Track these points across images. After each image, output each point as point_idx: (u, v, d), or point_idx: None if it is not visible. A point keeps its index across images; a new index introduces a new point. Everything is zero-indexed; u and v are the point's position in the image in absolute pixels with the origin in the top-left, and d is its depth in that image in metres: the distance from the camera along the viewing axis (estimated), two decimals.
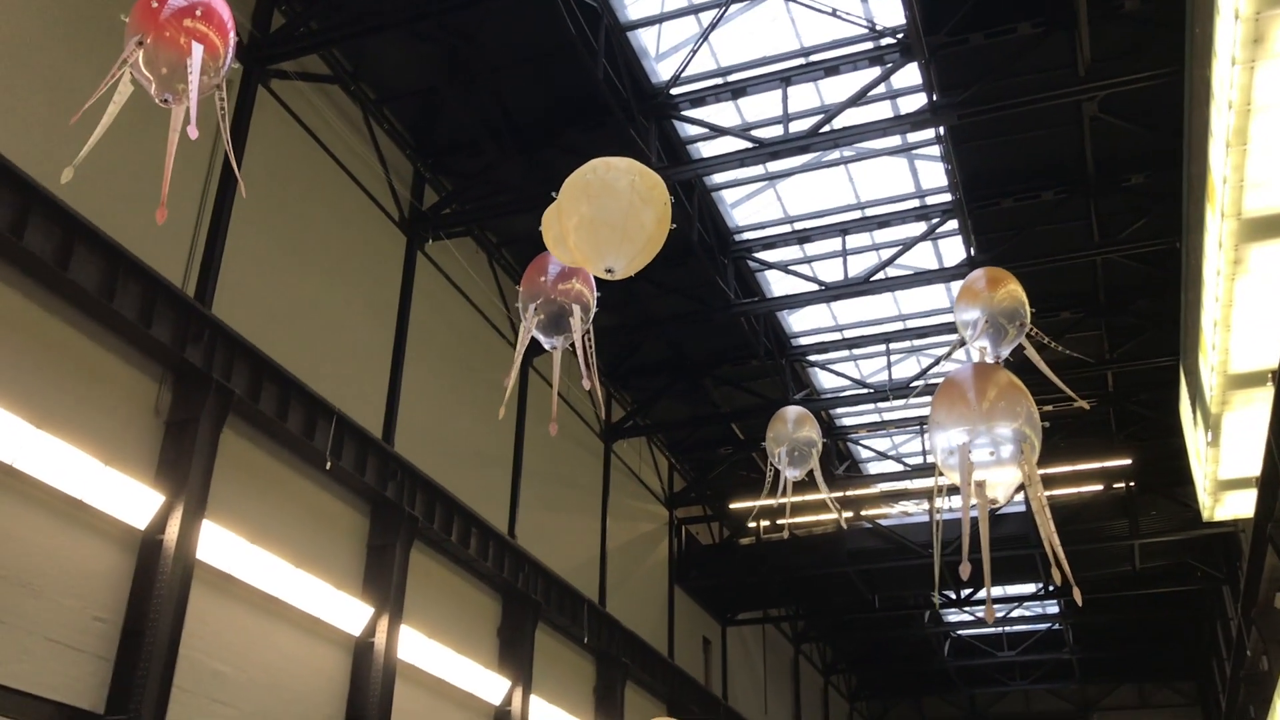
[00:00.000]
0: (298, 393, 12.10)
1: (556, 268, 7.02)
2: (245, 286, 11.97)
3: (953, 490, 6.50)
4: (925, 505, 25.88)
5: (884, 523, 25.62)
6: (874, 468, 25.69)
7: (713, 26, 13.77)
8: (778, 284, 19.16)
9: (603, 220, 5.97)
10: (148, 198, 10.13)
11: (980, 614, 30.55)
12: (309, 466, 12.54)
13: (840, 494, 24.94)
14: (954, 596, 27.61)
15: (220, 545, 10.90)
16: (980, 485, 6.06)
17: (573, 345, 7.16)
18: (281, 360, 11.89)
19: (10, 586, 8.80)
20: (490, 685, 15.53)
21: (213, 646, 10.84)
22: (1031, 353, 8.62)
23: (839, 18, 13.53)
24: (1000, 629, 33.62)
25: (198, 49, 5.13)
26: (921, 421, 22.89)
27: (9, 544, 8.85)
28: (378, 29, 12.72)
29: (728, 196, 17.44)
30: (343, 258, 13.93)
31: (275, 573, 11.65)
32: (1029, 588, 28.63)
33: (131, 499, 9.92)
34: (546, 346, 7.25)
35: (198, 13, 5.18)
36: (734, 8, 13.77)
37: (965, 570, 5.85)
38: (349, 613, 12.75)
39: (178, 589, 10.07)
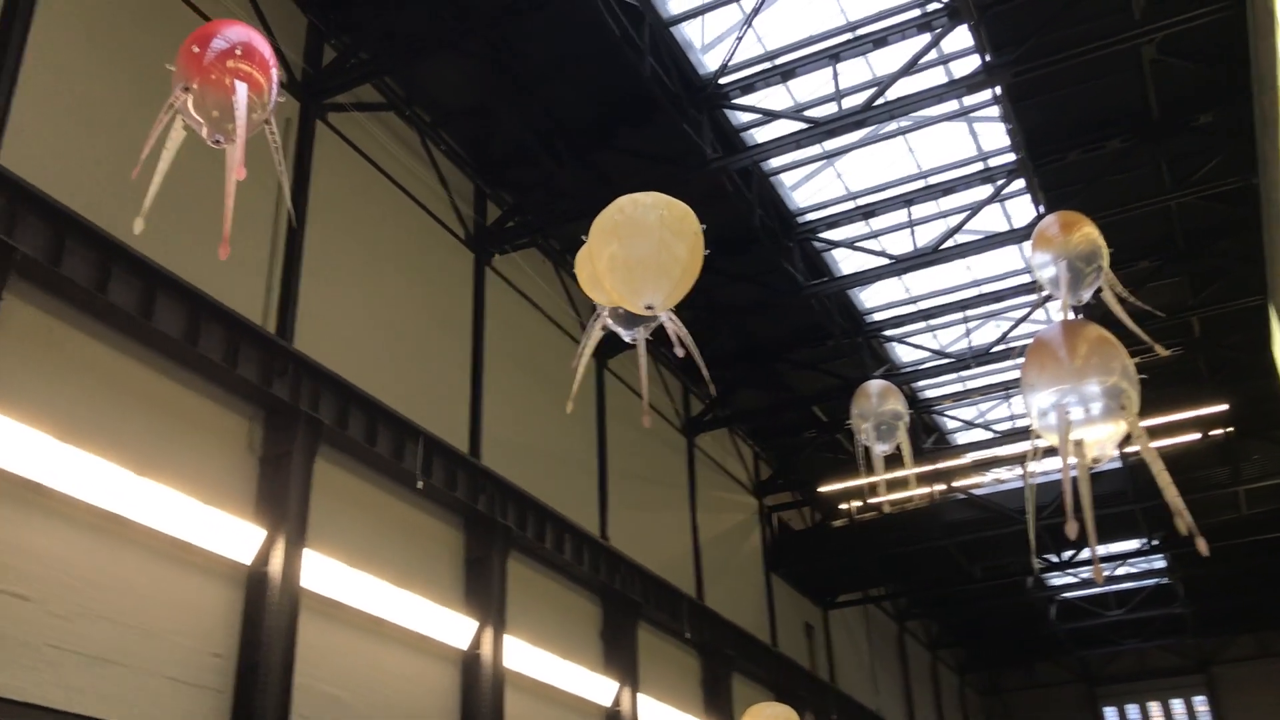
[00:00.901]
0: (384, 417, 12.30)
1: None
2: (323, 318, 12.21)
3: (1049, 452, 6.40)
4: (1018, 471, 25.47)
5: (977, 492, 25.29)
6: (962, 437, 25.37)
7: (755, 12, 13.72)
8: (846, 262, 19.01)
9: (636, 258, 5.98)
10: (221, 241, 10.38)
11: (1085, 575, 29.99)
12: (401, 487, 12.75)
13: (930, 467, 24.65)
14: (1056, 560, 27.15)
15: (323, 573, 11.13)
16: (1079, 444, 5.96)
17: (652, 335, 7.17)
18: (365, 386, 12.10)
19: (129, 631, 9.09)
20: (598, 687, 15.65)
21: (326, 672, 11.08)
22: (1109, 295, 8.42)
23: None
24: (1107, 588, 32.93)
25: (242, 88, 5.26)
26: (1007, 387, 22.57)
27: (123, 590, 9.14)
28: (425, 52, 12.89)
29: (787, 179, 17.35)
30: (414, 280, 14.13)
31: (379, 594, 11.86)
32: (1132, 544, 28.05)
33: (234, 535, 10.18)
34: (627, 339, 7.22)
35: (238, 52, 5.30)
36: None
37: (1073, 530, 5.77)
38: (454, 627, 12.94)
39: (287, 619, 10.31)
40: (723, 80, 14.75)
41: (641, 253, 5.97)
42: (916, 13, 13.84)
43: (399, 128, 14.41)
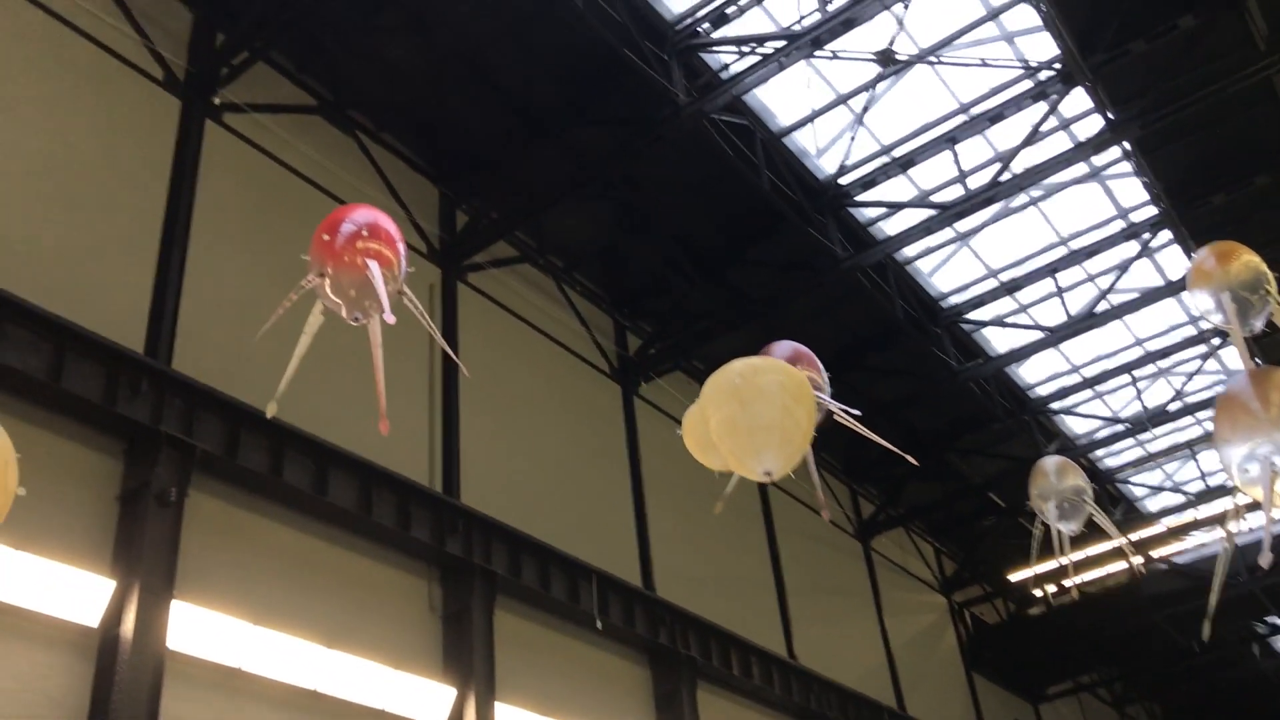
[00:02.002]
0: (556, 560, 12.39)
1: (780, 362, 7.03)
2: (486, 470, 12.47)
3: (1253, 508, 6.06)
4: (1220, 533, 23.93)
5: (1180, 560, 23.83)
6: (1153, 504, 24.07)
7: (865, 110, 13.80)
8: (999, 340, 18.55)
9: (759, 424, 5.93)
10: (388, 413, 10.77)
11: None
12: (581, 629, 12.73)
13: (1124, 539, 23.38)
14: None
15: None
16: None
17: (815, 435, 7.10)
18: (533, 532, 12.23)
19: None
20: None
21: None
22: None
23: (989, 66, 13.32)
24: None
25: (374, 265, 5.52)
26: (1191, 445, 21.43)
27: None
28: (550, 203, 13.35)
29: (924, 266, 17.15)
30: (567, 420, 14.36)
31: None
32: None
33: (426, 698, 10.28)
34: None
35: (365, 233, 5.59)
36: (880, 86, 13.78)
37: (1266, 560, 5.44)
38: None
39: None
40: (843, 180, 14.82)
41: (765, 418, 5.92)
42: (1029, 84, 13.69)
43: (534, 276, 14.87)
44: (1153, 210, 15.85)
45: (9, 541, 7.64)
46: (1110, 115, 13.19)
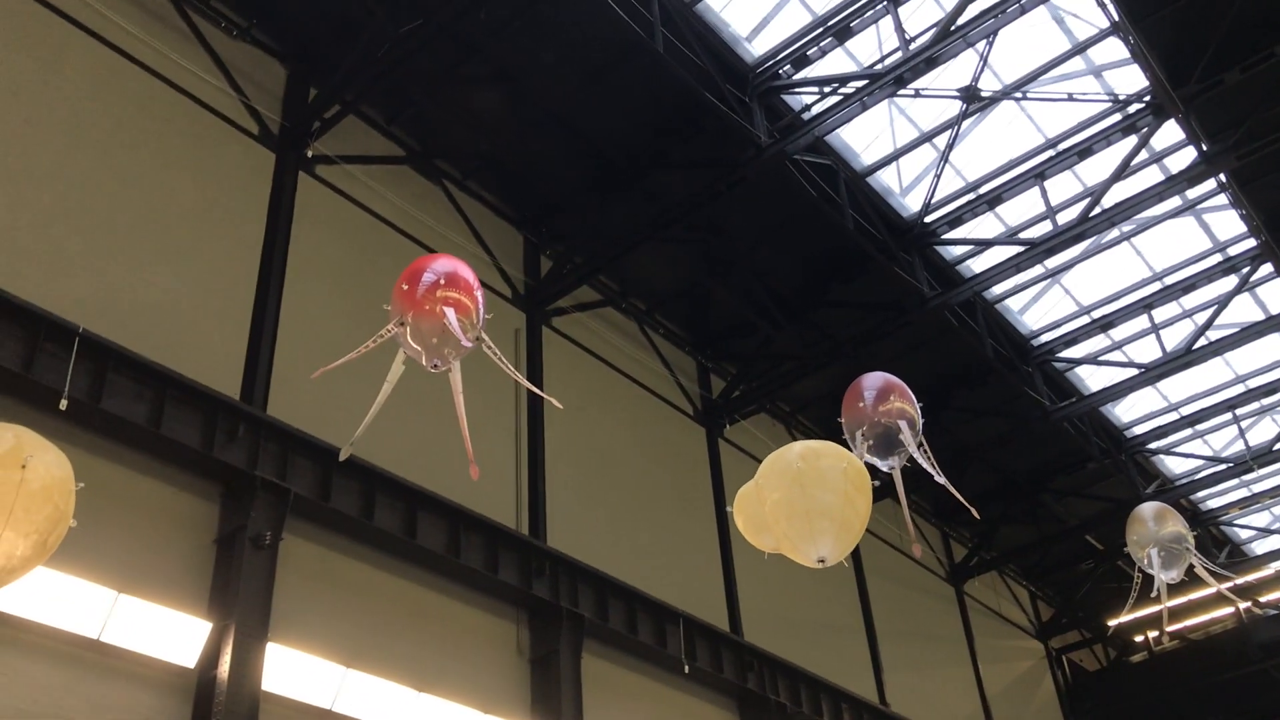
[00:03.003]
0: (642, 603, 12.33)
1: (872, 392, 7.00)
2: (571, 513, 12.49)
3: None
4: None
5: None
6: (1259, 547, 23.16)
7: (950, 148, 13.68)
8: (1092, 378, 18.13)
9: (820, 509, 5.83)
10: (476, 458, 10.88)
11: None
12: (668, 673, 12.62)
13: (1228, 584, 22.53)
14: None
15: None
16: None
17: (906, 466, 7.03)
18: (620, 575, 12.20)
19: None
20: None
21: None
22: None
23: (1077, 100, 13.13)
24: None
25: (450, 312, 5.60)
26: None
27: None
28: (633, 247, 13.41)
29: (1013, 304, 16.86)
30: (651, 463, 14.34)
31: None
32: None
33: None
34: (884, 468, 7.13)
35: (443, 282, 5.68)
36: (965, 124, 13.65)
37: None
38: None
39: None
40: (928, 219, 14.67)
41: (825, 504, 5.83)
42: (1118, 117, 13.45)
43: (618, 320, 14.94)
44: (1252, 243, 15.40)
45: (110, 583, 7.86)
46: (1204, 147, 12.88)
